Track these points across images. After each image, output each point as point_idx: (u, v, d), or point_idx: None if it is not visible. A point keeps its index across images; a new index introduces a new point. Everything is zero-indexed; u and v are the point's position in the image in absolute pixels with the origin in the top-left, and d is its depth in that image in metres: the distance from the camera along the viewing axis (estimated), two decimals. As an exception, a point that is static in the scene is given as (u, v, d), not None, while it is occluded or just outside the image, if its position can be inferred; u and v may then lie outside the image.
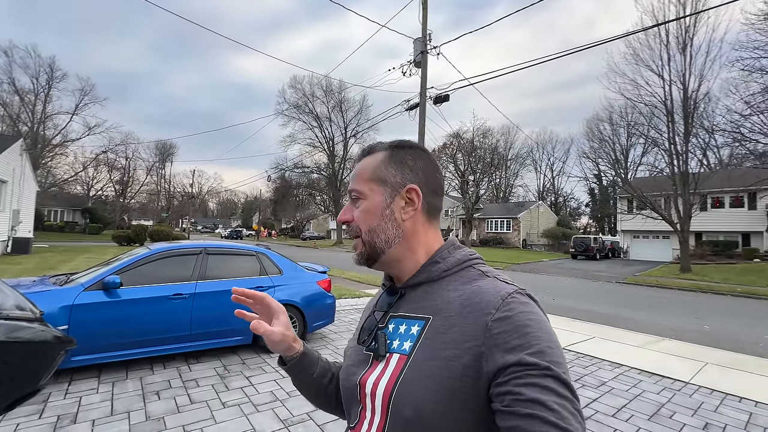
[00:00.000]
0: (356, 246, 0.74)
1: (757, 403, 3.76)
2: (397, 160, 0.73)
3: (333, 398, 0.85)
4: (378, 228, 0.71)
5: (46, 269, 10.40)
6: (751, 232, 22.02)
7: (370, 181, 0.73)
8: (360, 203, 0.73)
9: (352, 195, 0.75)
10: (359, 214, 0.73)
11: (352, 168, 0.81)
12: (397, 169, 0.73)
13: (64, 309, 3.52)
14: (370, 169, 0.73)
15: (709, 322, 7.97)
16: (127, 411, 3.07)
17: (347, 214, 0.75)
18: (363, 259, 0.74)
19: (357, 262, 0.75)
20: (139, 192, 53.16)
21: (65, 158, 38.88)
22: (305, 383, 0.85)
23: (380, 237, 0.71)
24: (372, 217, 0.72)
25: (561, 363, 0.54)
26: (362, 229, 0.72)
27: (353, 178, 0.77)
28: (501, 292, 0.61)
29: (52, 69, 34.51)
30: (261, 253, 4.96)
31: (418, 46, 10.65)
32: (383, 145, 0.76)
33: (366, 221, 0.72)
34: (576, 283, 14.21)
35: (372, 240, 0.71)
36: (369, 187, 0.73)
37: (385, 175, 0.72)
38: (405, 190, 0.71)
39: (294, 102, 38.15)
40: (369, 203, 0.72)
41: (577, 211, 52.21)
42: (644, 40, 17.50)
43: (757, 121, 15.30)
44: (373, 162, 0.74)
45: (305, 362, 0.83)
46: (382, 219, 0.71)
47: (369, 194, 0.72)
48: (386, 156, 0.74)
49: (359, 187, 0.73)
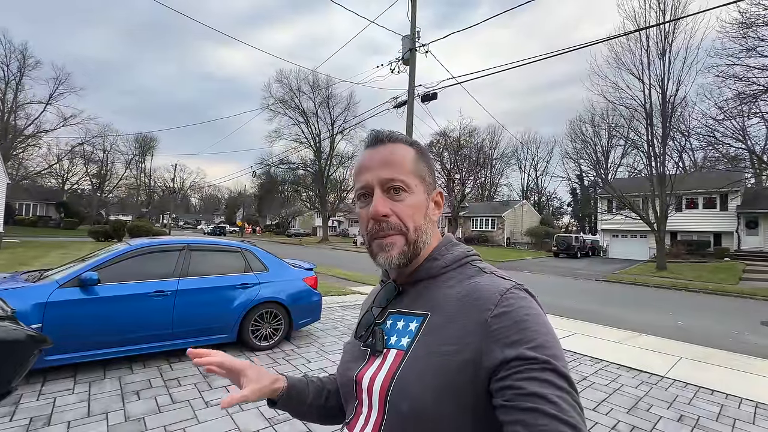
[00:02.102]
0: (393, 244, 0.65)
1: (727, 395, 3.93)
2: (426, 160, 0.72)
3: (337, 413, 0.83)
4: (422, 227, 0.68)
5: (18, 265, 9.95)
6: (723, 232, 22.98)
7: (413, 175, 0.67)
8: (404, 196, 0.66)
9: (391, 185, 0.66)
10: (405, 209, 0.66)
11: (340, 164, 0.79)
12: (429, 169, 0.72)
13: (38, 307, 3.37)
14: (410, 162, 0.68)
15: (683, 318, 8.29)
16: (105, 412, 2.97)
17: (385, 206, 0.65)
18: (405, 259, 0.66)
19: (393, 264, 0.66)
20: (118, 186, 51.60)
21: (38, 150, 37.30)
22: (303, 412, 0.83)
23: (422, 237, 0.68)
24: (419, 214, 0.67)
25: (560, 356, 0.55)
26: (409, 226, 0.66)
27: (387, 164, 0.66)
28: (499, 287, 0.61)
29: (24, 56, 32.99)
30: (246, 250, 4.87)
31: (407, 44, 10.63)
32: (402, 138, 0.71)
33: (414, 218, 0.66)
34: (558, 281, 14.54)
35: (417, 240, 0.67)
36: (414, 182, 0.67)
37: (423, 173, 0.70)
38: (437, 193, 0.72)
39: (280, 97, 37.52)
40: (416, 199, 0.67)
41: (559, 211, 53.38)
42: (626, 44, 17.98)
43: (729, 126, 15.95)
44: (407, 155, 0.68)
45: (294, 395, 0.80)
46: (425, 218, 0.69)
47: (415, 189, 0.67)
48: (418, 153, 0.71)
49: (405, 178, 0.66)
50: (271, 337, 4.69)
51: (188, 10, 31.15)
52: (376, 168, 0.66)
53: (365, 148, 0.72)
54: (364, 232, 0.69)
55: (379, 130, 0.71)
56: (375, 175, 0.66)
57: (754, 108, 15.17)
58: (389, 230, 0.65)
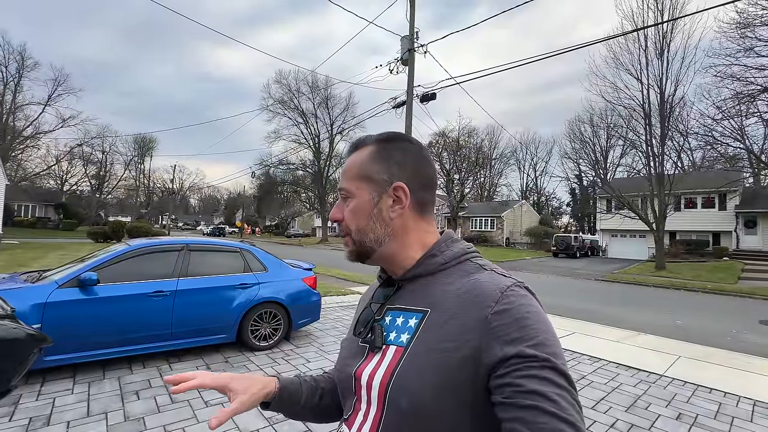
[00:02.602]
0: (347, 244, 0.74)
1: (725, 394, 3.94)
2: (383, 155, 0.71)
3: (333, 411, 0.84)
4: (366, 228, 0.70)
5: (17, 266, 9.94)
6: (721, 232, 23.01)
7: (356, 179, 0.71)
8: (349, 202, 0.72)
9: (341, 193, 0.74)
10: (348, 214, 0.72)
11: (340, 164, 0.81)
12: (384, 165, 0.71)
13: (37, 307, 3.37)
14: (357, 166, 0.72)
15: (682, 317, 8.30)
16: (105, 412, 2.97)
17: (338, 212, 0.74)
18: (353, 256, 0.74)
19: (348, 259, 0.76)
20: (117, 187, 51.58)
21: (37, 151, 37.31)
22: (296, 413, 0.83)
23: (369, 236, 0.70)
24: (360, 216, 0.71)
25: (559, 354, 0.55)
26: (351, 228, 0.72)
27: (342, 175, 0.76)
28: (500, 285, 0.61)
29: (23, 57, 33.05)
30: (245, 250, 4.88)
31: (406, 44, 10.64)
32: (371, 138, 0.74)
33: (354, 221, 0.71)
34: (557, 281, 14.55)
35: (361, 239, 0.71)
36: (356, 186, 0.71)
37: (371, 173, 0.71)
38: (392, 189, 0.70)
39: (279, 97, 37.55)
40: (356, 203, 0.71)
41: (558, 211, 53.43)
42: (624, 44, 18.02)
43: (727, 126, 15.99)
44: (359, 158, 0.72)
45: (286, 396, 0.79)
46: (370, 218, 0.70)
47: (356, 193, 0.71)
48: (372, 151, 0.72)
49: (347, 186, 0.72)
50: (270, 338, 4.70)
51: (186, 10, 31.19)
52: (340, 178, 0.77)
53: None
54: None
55: (359, 137, 0.78)
56: (338, 185, 0.76)
57: (752, 108, 15.23)
58: (343, 232, 0.74)
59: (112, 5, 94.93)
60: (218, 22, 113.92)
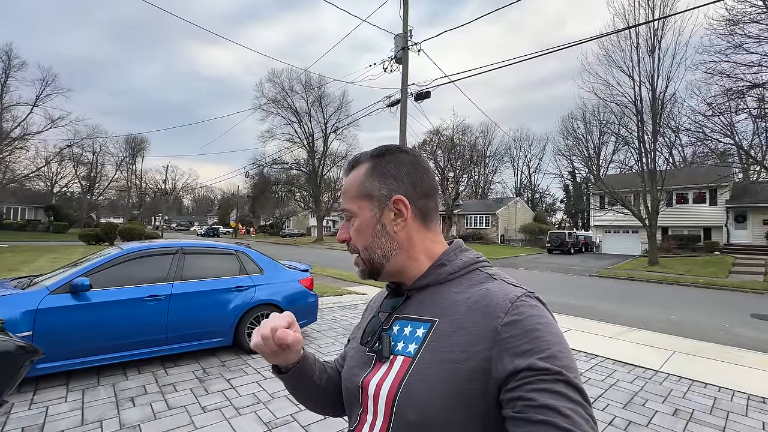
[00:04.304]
0: (357, 263, 0.75)
1: (720, 388, 3.99)
2: (379, 171, 0.72)
3: (332, 396, 0.82)
4: (373, 244, 0.71)
5: (6, 271, 9.77)
6: (712, 227, 23.35)
7: (357, 199, 0.72)
8: (354, 221, 0.73)
9: (344, 214, 0.75)
10: (354, 233, 0.73)
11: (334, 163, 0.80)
12: (381, 180, 0.71)
13: (28, 314, 3.30)
14: (356, 186, 0.73)
15: (675, 312, 8.41)
16: (100, 420, 2.92)
17: (345, 233, 0.75)
18: (365, 275, 0.75)
19: (361, 277, 0.76)
20: (108, 188, 50.71)
21: (25, 152, 36.51)
22: (306, 388, 0.80)
23: (376, 253, 0.71)
24: (365, 235, 0.72)
25: (572, 367, 0.54)
26: (359, 247, 0.73)
27: (342, 196, 0.76)
28: (510, 295, 0.60)
29: (9, 57, 32.28)
30: (240, 252, 4.83)
31: (399, 43, 10.61)
32: (366, 155, 0.75)
33: (360, 240, 0.72)
34: (552, 277, 14.66)
35: (369, 257, 0.72)
36: (357, 205, 0.72)
37: (369, 190, 0.71)
38: (392, 202, 0.70)
39: (272, 96, 37.21)
40: (360, 222, 0.72)
41: (552, 207, 53.78)
42: (616, 41, 18.11)
43: (718, 122, 16.15)
44: (357, 177, 0.73)
45: (307, 367, 0.79)
46: (375, 235, 0.71)
47: (358, 212, 0.72)
48: (368, 168, 0.72)
49: (348, 206, 0.73)
50: (267, 340, 4.66)
51: (174, 8, 30.71)
52: (341, 199, 0.77)
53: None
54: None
55: (351, 158, 0.78)
56: (340, 206, 0.78)
57: (741, 104, 15.40)
58: (352, 251, 0.75)
59: (98, 3, 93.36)
60: (207, 20, 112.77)
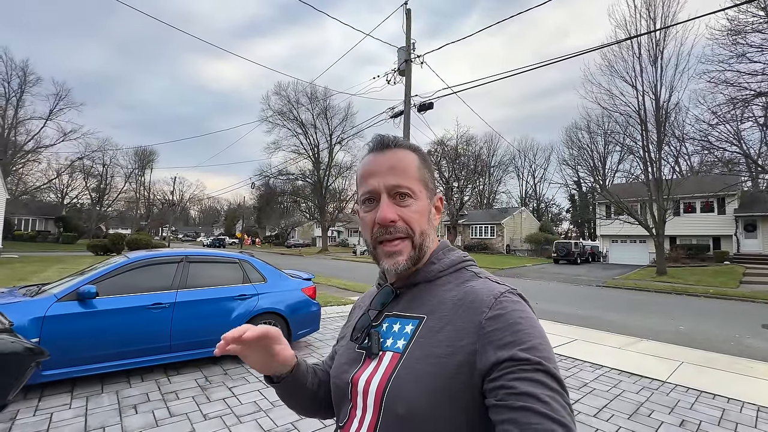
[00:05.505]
0: (401, 250, 0.66)
1: (729, 400, 3.91)
2: (428, 165, 0.73)
3: (324, 401, 0.82)
4: (426, 231, 0.69)
5: (16, 280, 9.92)
6: (721, 236, 22.97)
7: (417, 181, 0.69)
8: (410, 202, 0.67)
9: (398, 191, 0.67)
10: (412, 214, 0.67)
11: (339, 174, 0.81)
12: (430, 175, 0.73)
13: (35, 321, 3.37)
14: (414, 169, 0.69)
15: (684, 322, 8.25)
16: (103, 426, 2.94)
17: (392, 212, 0.66)
18: (411, 262, 0.67)
19: (401, 268, 0.67)
20: (117, 200, 51.56)
21: (38, 165, 37.45)
22: (299, 395, 0.80)
23: (426, 241, 0.69)
24: (424, 219, 0.69)
25: (551, 358, 0.56)
26: (415, 230, 0.67)
27: (393, 171, 0.67)
28: (494, 291, 0.63)
29: (25, 73, 33.39)
30: (244, 261, 4.88)
31: (402, 55, 10.80)
32: (405, 142, 0.72)
33: (419, 223, 0.68)
34: (558, 287, 14.49)
35: (423, 243, 0.69)
36: (418, 188, 0.69)
37: (426, 179, 0.71)
38: (437, 198, 0.73)
39: (278, 108, 37.86)
40: (421, 205, 0.68)
41: (558, 217, 53.42)
42: (618, 52, 18.23)
43: (723, 130, 16.06)
44: (411, 161, 0.70)
45: (300, 374, 0.78)
46: (429, 223, 0.71)
47: (419, 195, 0.69)
48: (419, 159, 0.71)
49: (411, 185, 0.67)
50: (269, 349, 4.66)
51: (181, 24, 31.52)
52: (383, 173, 0.67)
53: (369, 152, 0.72)
54: (369, 237, 0.69)
55: (384, 135, 0.71)
56: (382, 180, 0.67)
57: (747, 112, 15.33)
58: (397, 233, 0.66)
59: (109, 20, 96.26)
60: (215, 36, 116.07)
